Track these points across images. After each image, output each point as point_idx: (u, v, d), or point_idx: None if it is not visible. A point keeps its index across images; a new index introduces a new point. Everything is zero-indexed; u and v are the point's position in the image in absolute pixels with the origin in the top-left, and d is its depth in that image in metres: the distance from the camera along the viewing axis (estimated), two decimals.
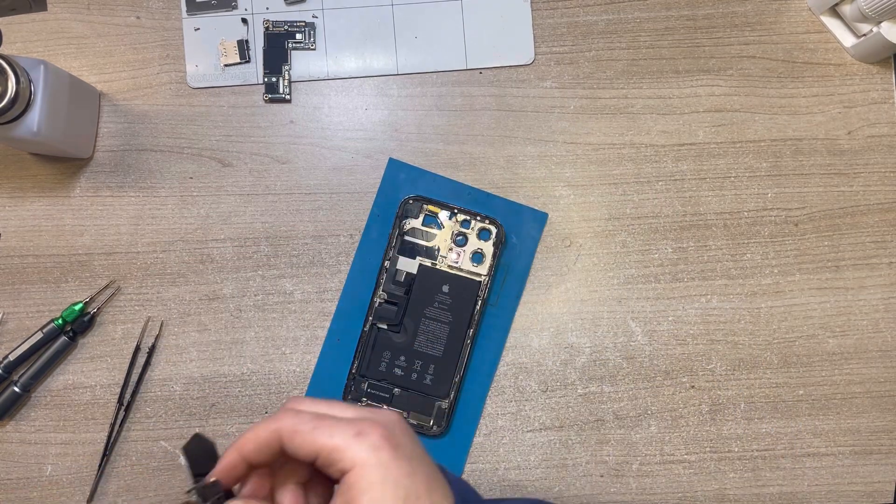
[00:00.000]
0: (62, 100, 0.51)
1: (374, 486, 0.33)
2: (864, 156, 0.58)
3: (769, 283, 0.57)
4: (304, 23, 0.58)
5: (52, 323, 0.55)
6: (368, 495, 0.33)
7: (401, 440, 0.35)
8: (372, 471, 0.33)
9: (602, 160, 0.58)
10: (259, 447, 0.35)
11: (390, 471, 0.34)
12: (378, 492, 0.33)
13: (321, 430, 0.34)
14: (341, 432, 0.34)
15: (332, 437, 0.34)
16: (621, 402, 0.56)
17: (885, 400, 0.57)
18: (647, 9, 0.59)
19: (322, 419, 0.35)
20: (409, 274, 0.56)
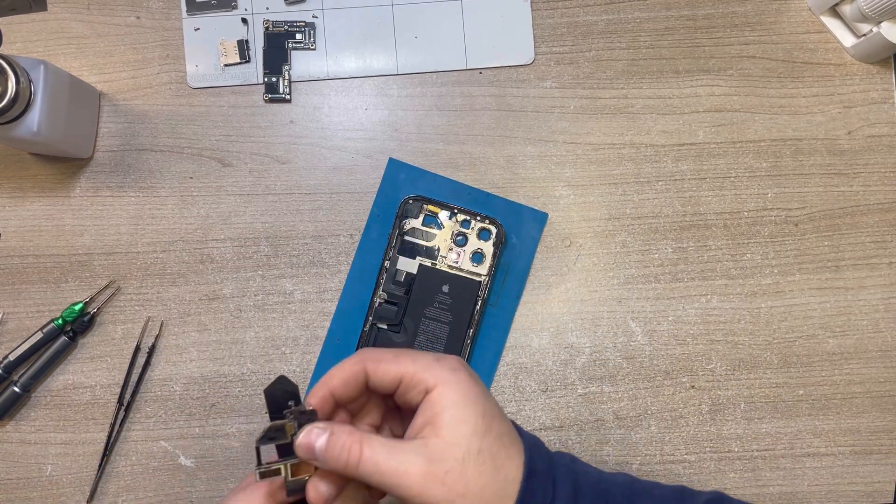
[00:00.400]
0: (62, 100, 0.51)
1: (456, 402, 0.36)
2: (864, 156, 0.58)
3: (769, 283, 0.57)
4: (304, 23, 0.58)
5: (52, 323, 0.55)
6: (451, 410, 0.35)
7: (471, 370, 0.38)
8: (453, 388, 0.36)
9: (602, 160, 0.58)
10: (346, 381, 0.38)
11: (469, 389, 0.36)
12: (460, 407, 0.36)
13: (403, 358, 0.37)
14: (422, 358, 0.37)
15: (415, 362, 0.37)
16: (621, 402, 0.56)
17: (885, 400, 0.57)
18: (647, 9, 0.59)
19: (401, 352, 0.38)
20: (409, 274, 0.56)
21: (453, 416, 0.36)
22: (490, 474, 0.35)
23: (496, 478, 0.35)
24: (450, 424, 0.36)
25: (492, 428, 0.36)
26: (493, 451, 0.36)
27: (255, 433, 0.56)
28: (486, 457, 0.35)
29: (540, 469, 0.37)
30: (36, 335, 0.55)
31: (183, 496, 0.55)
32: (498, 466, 0.36)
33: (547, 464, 0.38)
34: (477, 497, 0.35)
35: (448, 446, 0.35)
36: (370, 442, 0.35)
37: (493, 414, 0.37)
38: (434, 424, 0.36)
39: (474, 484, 0.35)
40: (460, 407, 0.36)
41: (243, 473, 0.56)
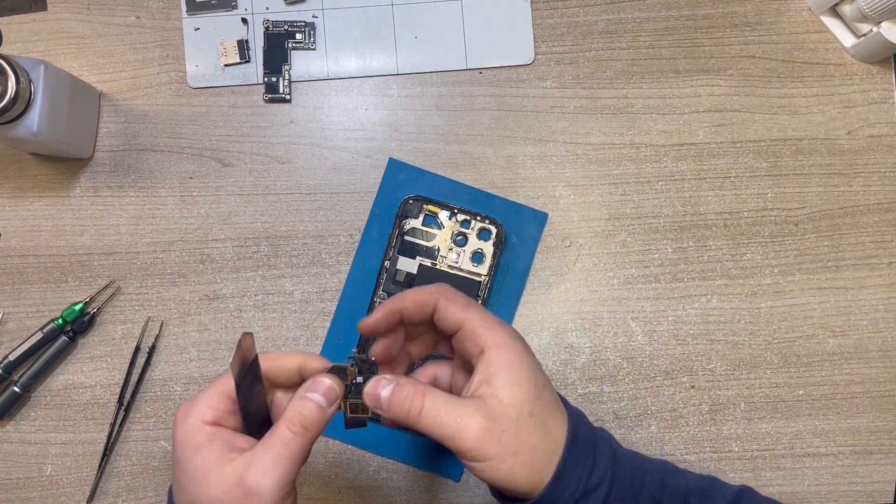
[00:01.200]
0: (62, 100, 0.51)
1: (512, 364, 0.38)
2: (864, 156, 0.58)
3: (769, 283, 0.57)
4: (304, 23, 0.58)
5: (52, 323, 0.55)
6: (507, 372, 0.38)
7: (526, 342, 0.40)
8: (512, 352, 0.38)
9: (602, 160, 0.58)
10: (417, 304, 0.40)
11: (525, 357, 0.39)
12: (515, 370, 0.38)
13: (472, 310, 0.40)
14: (487, 317, 0.40)
15: (481, 317, 0.39)
16: (621, 402, 0.56)
17: (885, 400, 0.57)
18: (647, 9, 0.59)
19: (473, 303, 0.40)
20: (409, 274, 0.56)
21: (509, 377, 0.38)
22: (540, 436, 0.38)
23: (546, 440, 0.38)
24: (506, 386, 0.38)
25: (542, 394, 0.39)
26: (543, 415, 0.38)
27: None
28: (538, 420, 0.38)
29: (582, 436, 0.40)
30: (36, 335, 0.55)
31: None
32: (547, 430, 0.38)
33: (589, 433, 0.40)
34: (527, 455, 0.37)
35: (504, 406, 0.37)
36: (433, 395, 0.37)
37: (544, 382, 0.39)
38: (491, 383, 0.38)
39: (526, 443, 0.37)
40: (515, 370, 0.38)
41: None
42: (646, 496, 0.40)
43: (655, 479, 0.41)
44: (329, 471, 0.56)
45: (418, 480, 0.56)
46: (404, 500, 0.56)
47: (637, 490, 0.40)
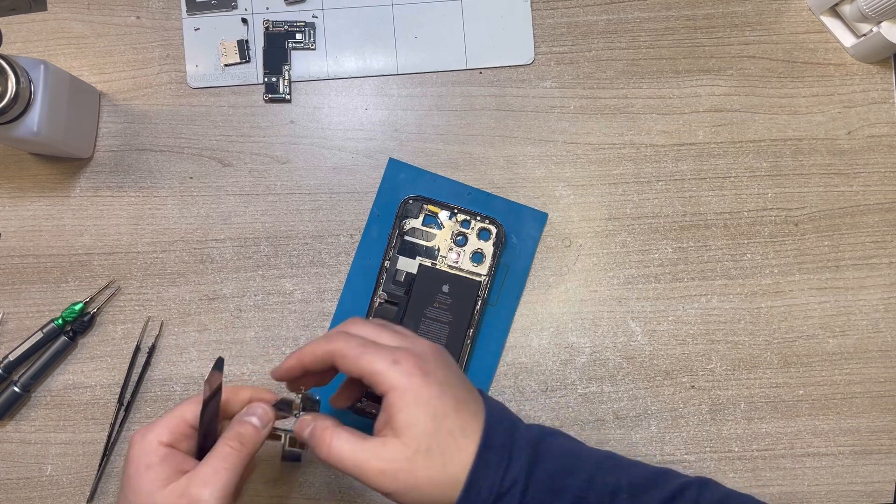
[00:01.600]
0: (62, 100, 0.51)
1: (408, 405, 0.40)
2: (864, 156, 0.58)
3: (769, 283, 0.57)
4: (304, 23, 0.58)
5: (52, 323, 0.55)
6: (403, 413, 0.40)
7: (431, 368, 0.41)
8: (405, 393, 0.40)
9: (602, 160, 0.58)
10: (315, 360, 0.43)
11: (421, 393, 0.40)
12: (411, 409, 0.40)
13: (365, 356, 0.41)
14: (381, 360, 0.41)
15: (373, 364, 0.41)
16: (621, 402, 0.56)
17: (885, 400, 0.57)
18: (647, 9, 0.59)
19: (367, 346, 0.42)
20: (409, 274, 0.56)
21: (405, 418, 0.40)
22: (438, 469, 0.40)
23: (444, 472, 0.40)
24: (402, 427, 0.40)
25: (442, 426, 0.40)
26: (442, 447, 0.40)
27: None
28: (436, 454, 0.40)
29: (497, 443, 0.41)
30: (36, 335, 0.55)
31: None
32: (447, 462, 0.40)
33: (507, 437, 0.42)
34: (425, 489, 0.40)
35: (402, 447, 0.40)
36: (339, 438, 0.41)
37: (445, 413, 0.41)
38: (391, 425, 0.40)
39: (423, 479, 0.39)
40: (411, 409, 0.40)
41: None
42: (567, 495, 0.41)
43: (582, 477, 0.42)
44: (329, 470, 0.56)
45: None
46: None
47: (558, 489, 0.41)
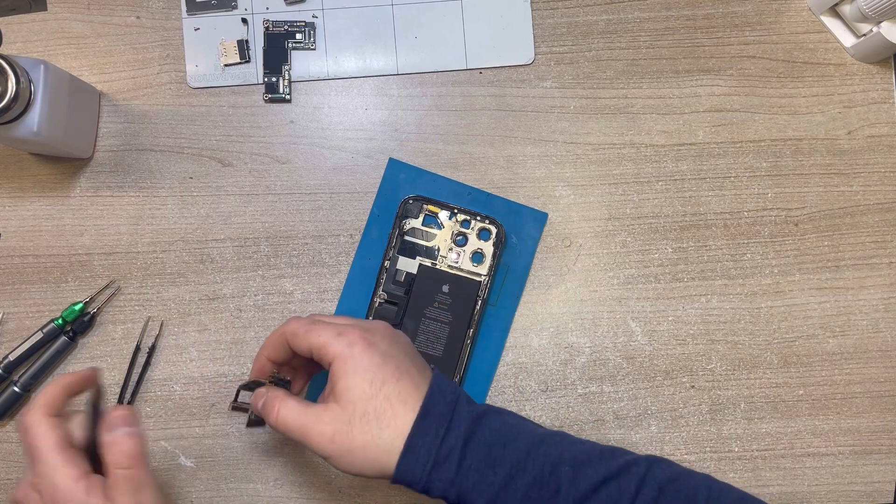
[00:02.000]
0: (62, 100, 0.51)
1: (347, 371, 0.42)
2: (864, 156, 0.58)
3: (769, 283, 0.57)
4: (304, 23, 0.58)
5: (52, 323, 0.55)
6: (343, 379, 0.42)
7: (377, 340, 0.44)
8: (346, 361, 0.42)
9: (602, 160, 0.58)
10: (274, 347, 0.47)
11: (361, 360, 0.42)
12: (350, 376, 0.42)
13: (313, 331, 0.44)
14: (326, 333, 0.44)
15: (320, 336, 0.44)
16: (621, 402, 0.56)
17: (885, 400, 0.57)
18: (647, 9, 0.59)
19: (315, 323, 0.45)
20: (409, 274, 0.56)
21: (344, 385, 0.42)
22: (374, 433, 0.41)
23: (379, 436, 0.41)
24: (342, 392, 0.42)
25: (380, 392, 0.42)
26: (378, 412, 0.42)
27: (254, 432, 0.56)
28: (371, 418, 0.41)
29: (436, 411, 0.42)
30: (36, 335, 0.55)
31: (183, 496, 0.55)
32: (382, 427, 0.41)
33: (446, 408, 0.43)
34: (360, 453, 0.41)
35: (339, 412, 0.42)
36: (285, 405, 0.43)
37: (384, 380, 0.42)
38: (332, 391, 0.43)
39: (358, 442, 0.41)
40: (350, 376, 0.42)
41: (244, 473, 0.56)
42: (505, 465, 0.42)
43: (521, 448, 0.43)
44: (329, 470, 0.56)
45: None
46: (403, 500, 0.56)
47: (496, 458, 0.42)
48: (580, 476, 0.42)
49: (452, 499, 0.42)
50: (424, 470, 0.41)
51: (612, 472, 0.43)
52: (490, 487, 0.42)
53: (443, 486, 0.41)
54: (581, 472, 0.42)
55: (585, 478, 0.42)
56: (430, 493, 0.42)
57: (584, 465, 0.43)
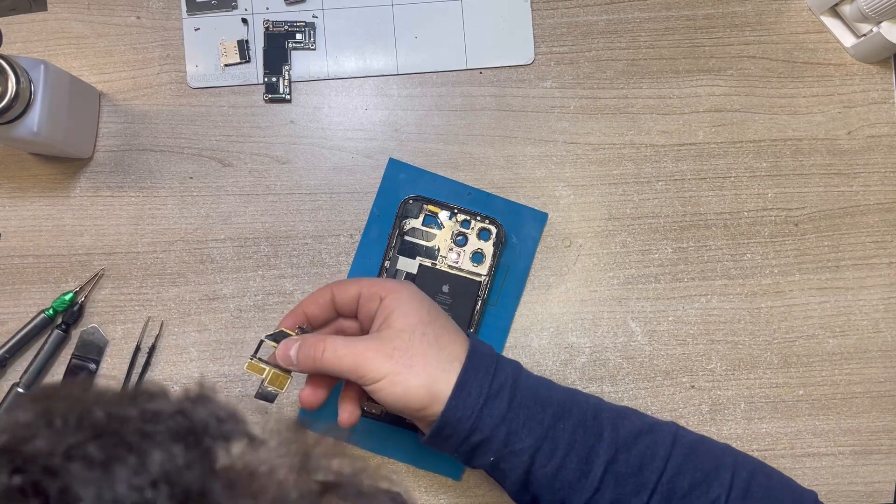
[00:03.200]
0: (62, 100, 0.51)
1: (404, 301, 0.43)
2: (864, 156, 0.58)
3: (769, 283, 0.57)
4: (304, 23, 0.58)
5: (43, 314, 0.55)
6: (400, 308, 0.43)
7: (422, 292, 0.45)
8: (404, 293, 0.44)
9: (602, 160, 0.58)
10: (316, 302, 0.46)
11: (415, 295, 0.44)
12: (407, 304, 0.43)
13: (362, 279, 0.46)
14: (378, 278, 0.47)
15: (371, 280, 0.46)
16: (621, 402, 0.56)
17: (885, 400, 0.57)
18: (647, 9, 0.59)
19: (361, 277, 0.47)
20: (409, 274, 0.56)
21: (402, 310, 0.43)
22: (434, 351, 0.42)
23: (439, 355, 0.42)
24: (399, 318, 0.43)
25: (436, 320, 0.43)
26: (437, 334, 0.43)
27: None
28: (431, 338, 0.42)
29: (483, 351, 0.43)
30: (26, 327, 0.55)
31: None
32: (442, 346, 0.42)
33: (491, 351, 0.44)
34: (422, 367, 0.41)
35: (397, 332, 0.42)
36: (332, 338, 0.43)
37: (438, 313, 0.44)
38: (386, 320, 0.43)
39: (420, 357, 0.41)
40: (407, 304, 0.43)
41: None
42: (553, 403, 0.43)
43: (563, 393, 0.44)
44: None
45: (418, 480, 0.56)
46: None
47: (544, 398, 0.43)
48: (619, 425, 0.44)
49: (500, 437, 0.41)
50: (477, 404, 0.41)
51: (646, 427, 0.44)
52: (539, 426, 0.42)
53: (493, 423, 0.41)
54: (619, 422, 0.44)
55: (623, 427, 0.44)
56: (474, 435, 0.41)
57: (620, 416, 0.44)
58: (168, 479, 0.22)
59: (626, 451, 0.43)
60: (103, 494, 0.21)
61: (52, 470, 0.21)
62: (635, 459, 0.42)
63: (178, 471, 0.22)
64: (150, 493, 0.21)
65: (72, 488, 0.21)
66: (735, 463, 0.44)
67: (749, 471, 0.44)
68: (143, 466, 0.22)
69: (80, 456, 0.21)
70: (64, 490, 0.21)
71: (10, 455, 0.21)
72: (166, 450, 0.22)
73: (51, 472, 0.21)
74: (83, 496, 0.21)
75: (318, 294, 0.47)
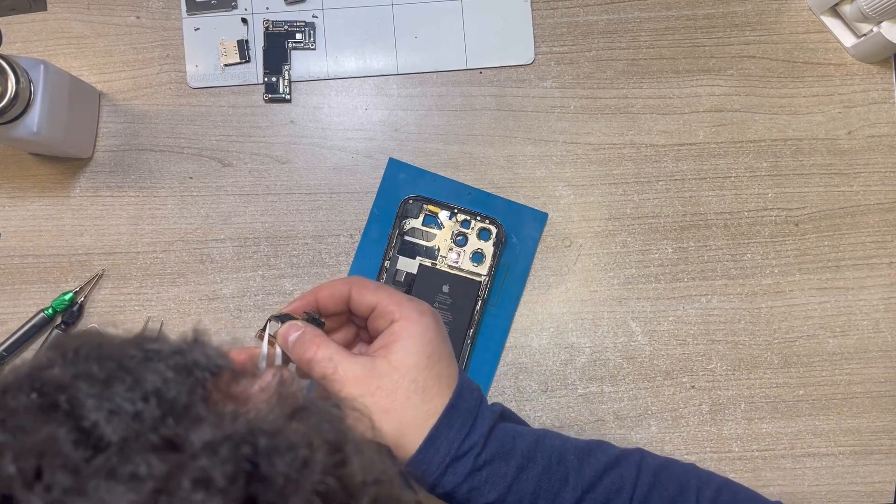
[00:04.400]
0: (62, 100, 0.51)
1: (412, 335, 0.41)
2: (864, 156, 0.58)
3: (769, 283, 0.57)
4: (304, 23, 0.58)
5: (42, 313, 0.55)
6: (406, 342, 0.41)
7: (439, 319, 0.44)
8: (415, 326, 0.42)
9: (602, 160, 0.58)
10: (332, 294, 0.44)
11: (427, 331, 0.42)
12: (414, 341, 0.41)
13: (383, 290, 0.44)
14: (398, 295, 0.43)
15: (391, 296, 0.43)
16: (621, 402, 0.56)
17: (885, 400, 0.57)
18: (647, 9, 0.59)
19: (383, 286, 0.44)
20: (409, 274, 0.56)
21: (405, 346, 0.41)
22: (416, 401, 0.41)
23: (419, 407, 0.41)
24: (399, 352, 0.41)
25: (433, 367, 0.41)
26: (427, 384, 0.41)
27: None
28: (420, 387, 0.41)
29: (464, 407, 0.42)
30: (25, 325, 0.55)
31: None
32: (427, 399, 0.41)
33: (474, 405, 0.43)
34: (397, 416, 0.40)
35: (390, 369, 0.41)
36: (327, 345, 0.41)
37: (440, 357, 0.42)
38: (387, 348, 0.41)
39: (399, 406, 0.40)
40: (414, 341, 0.41)
41: None
42: (516, 454, 0.42)
43: (529, 439, 0.43)
44: None
45: None
46: None
47: (509, 450, 0.42)
48: (584, 465, 0.43)
49: (463, 493, 0.42)
50: (442, 462, 0.41)
51: (612, 461, 0.44)
52: (503, 481, 0.42)
53: (455, 481, 0.41)
54: (584, 461, 0.43)
55: (589, 466, 0.43)
56: (437, 489, 0.42)
57: (585, 454, 0.44)
58: (158, 394, 0.27)
59: (592, 489, 0.43)
60: (102, 404, 0.26)
61: (63, 387, 0.26)
62: (602, 497, 0.43)
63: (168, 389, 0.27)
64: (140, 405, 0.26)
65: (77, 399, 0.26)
66: (699, 484, 0.45)
67: (714, 489, 0.45)
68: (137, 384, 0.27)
69: (85, 375, 0.27)
70: (71, 400, 0.26)
71: (31, 379, 0.27)
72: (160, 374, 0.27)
73: (62, 389, 0.26)
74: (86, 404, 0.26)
75: (336, 287, 0.45)
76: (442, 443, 0.41)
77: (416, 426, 0.41)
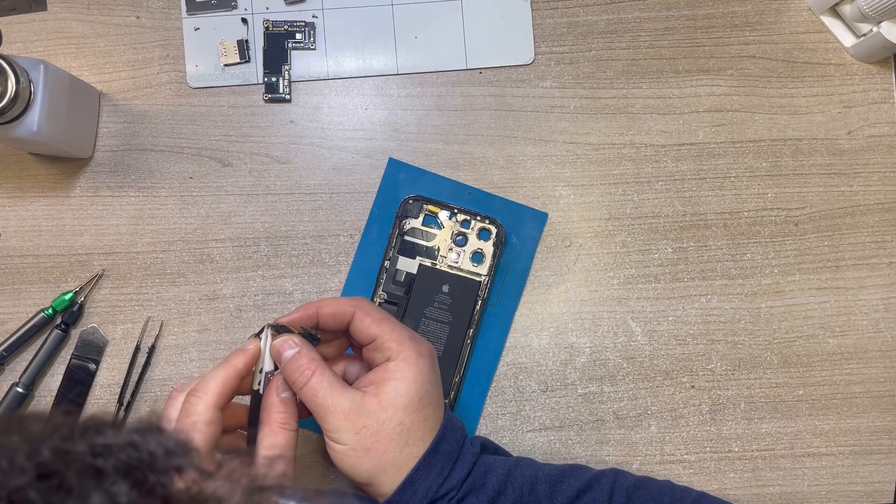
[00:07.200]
0: (62, 100, 0.51)
1: (406, 377, 0.41)
2: (864, 156, 0.58)
3: (769, 283, 0.57)
4: (304, 23, 0.58)
5: (42, 313, 0.55)
6: (399, 383, 0.41)
7: (436, 360, 0.44)
8: (410, 368, 0.42)
9: (602, 160, 0.58)
10: (334, 313, 0.44)
11: (421, 374, 0.42)
12: (407, 383, 0.41)
13: (386, 323, 0.43)
14: (402, 331, 0.43)
15: (394, 332, 0.43)
16: (621, 402, 0.56)
17: (885, 400, 0.57)
18: (647, 9, 0.59)
19: (388, 318, 0.44)
20: (409, 274, 0.56)
21: (396, 388, 0.41)
22: (398, 445, 0.41)
23: (401, 451, 0.41)
24: (390, 393, 0.41)
25: (421, 410, 0.42)
26: (413, 427, 0.41)
27: None
28: (405, 430, 0.41)
29: (445, 449, 0.42)
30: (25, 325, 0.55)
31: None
32: (410, 442, 0.41)
33: (455, 447, 0.43)
34: (376, 457, 0.40)
35: (378, 409, 0.41)
36: (321, 374, 0.41)
37: (430, 400, 0.42)
38: (379, 386, 0.41)
39: (382, 445, 0.40)
40: (407, 383, 0.41)
41: None
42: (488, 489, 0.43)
43: (500, 472, 0.43)
44: (329, 472, 0.56)
45: None
46: None
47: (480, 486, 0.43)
48: (556, 492, 0.44)
49: None
50: None
51: (584, 485, 0.44)
52: None
53: None
54: (556, 488, 0.44)
55: (560, 493, 0.44)
56: None
57: (557, 481, 0.44)
58: None
59: None
60: None
61: None
62: None
63: None
64: None
65: None
66: (673, 500, 0.45)
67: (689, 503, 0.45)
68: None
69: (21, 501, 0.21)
70: None
71: None
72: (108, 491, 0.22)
73: None
74: None
75: (340, 307, 0.44)
76: (420, 485, 0.41)
77: (396, 467, 0.41)
